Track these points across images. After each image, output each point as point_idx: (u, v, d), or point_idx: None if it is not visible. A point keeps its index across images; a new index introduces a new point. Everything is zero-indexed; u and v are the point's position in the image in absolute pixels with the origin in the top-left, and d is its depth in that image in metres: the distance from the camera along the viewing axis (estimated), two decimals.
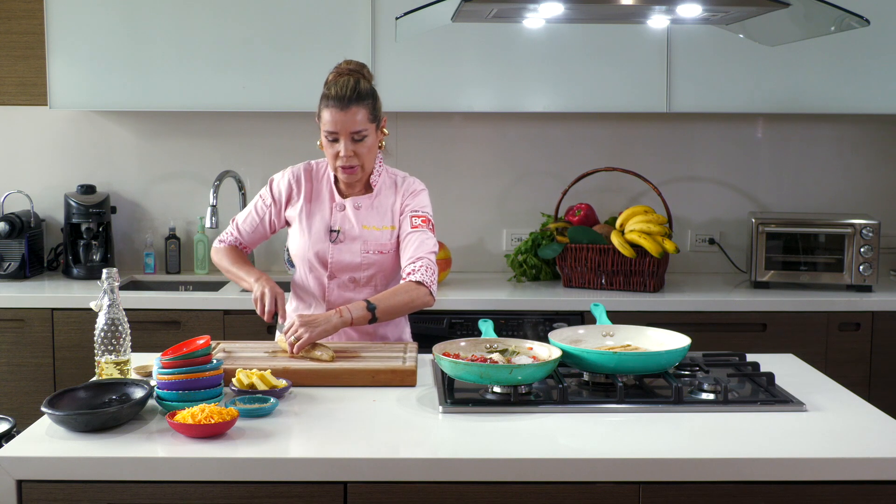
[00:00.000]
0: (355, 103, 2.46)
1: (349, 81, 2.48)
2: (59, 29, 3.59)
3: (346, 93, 2.46)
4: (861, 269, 3.56)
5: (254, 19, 3.60)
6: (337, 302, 2.59)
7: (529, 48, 3.62)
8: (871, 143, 3.99)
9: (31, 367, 3.44)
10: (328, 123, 2.48)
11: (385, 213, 2.60)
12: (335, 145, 2.50)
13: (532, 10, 2.50)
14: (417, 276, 2.48)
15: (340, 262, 2.58)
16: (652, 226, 3.52)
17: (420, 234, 2.56)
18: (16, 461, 1.80)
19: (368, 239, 2.57)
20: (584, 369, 2.25)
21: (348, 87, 2.47)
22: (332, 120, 2.47)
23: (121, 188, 3.98)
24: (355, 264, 2.58)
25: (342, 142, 2.49)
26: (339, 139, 2.49)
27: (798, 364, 2.54)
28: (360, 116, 2.47)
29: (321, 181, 2.64)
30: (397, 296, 2.46)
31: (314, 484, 1.80)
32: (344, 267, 2.58)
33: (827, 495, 1.83)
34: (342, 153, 2.49)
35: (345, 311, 2.40)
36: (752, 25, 2.63)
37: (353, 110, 2.46)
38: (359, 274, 2.58)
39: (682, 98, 3.65)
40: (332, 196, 2.62)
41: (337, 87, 2.48)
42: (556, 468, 1.80)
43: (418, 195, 2.62)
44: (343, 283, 2.59)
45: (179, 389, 2.00)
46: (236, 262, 2.66)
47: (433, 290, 2.50)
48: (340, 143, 2.49)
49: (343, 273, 2.59)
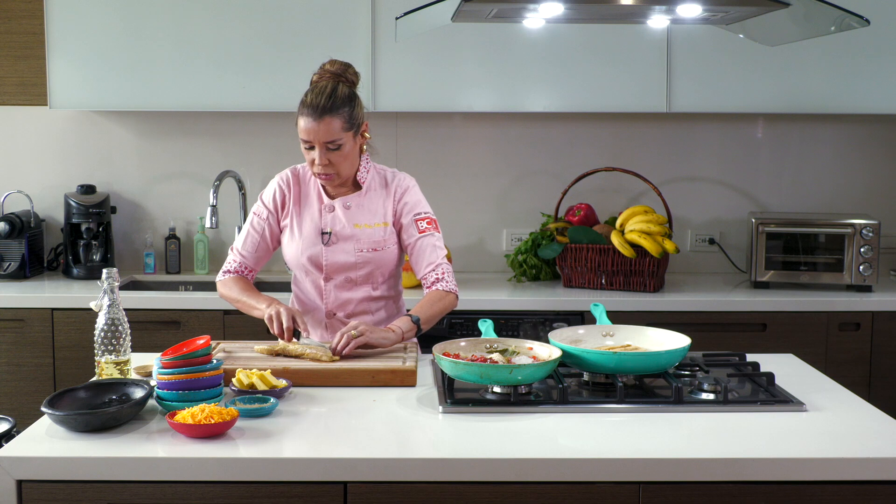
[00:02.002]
0: (329, 113, 2.44)
1: (326, 88, 2.47)
2: (59, 29, 3.59)
3: (320, 101, 2.44)
4: (861, 269, 3.56)
5: (254, 19, 3.60)
6: (335, 304, 2.59)
7: (529, 48, 3.62)
8: (871, 143, 3.99)
9: (31, 367, 3.44)
10: (302, 132, 2.48)
11: (376, 210, 2.60)
12: (311, 152, 2.50)
13: (532, 10, 2.50)
14: (443, 284, 2.56)
15: (335, 263, 2.58)
16: (652, 226, 3.52)
17: (430, 238, 2.59)
18: (16, 461, 1.80)
19: (361, 237, 2.57)
20: (584, 369, 2.25)
21: (323, 95, 2.45)
22: (305, 129, 2.46)
23: (121, 188, 3.98)
24: (350, 264, 2.57)
25: (317, 150, 2.47)
26: (313, 147, 2.48)
27: (798, 364, 2.54)
28: (333, 126, 2.45)
29: (308, 184, 2.63)
30: (434, 305, 2.52)
31: (314, 484, 1.80)
32: (339, 268, 2.58)
33: (827, 495, 1.83)
34: (317, 161, 2.48)
35: (395, 327, 2.43)
36: (752, 25, 2.63)
37: (326, 121, 2.44)
38: (354, 273, 2.58)
39: (682, 98, 3.65)
40: (320, 198, 2.61)
41: (313, 95, 2.47)
42: (556, 468, 1.80)
43: (411, 191, 2.62)
44: (340, 284, 2.59)
45: (179, 389, 2.00)
46: (244, 290, 2.57)
47: (457, 293, 2.60)
48: (315, 151, 2.48)
49: (339, 274, 2.58)
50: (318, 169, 2.50)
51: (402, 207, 2.60)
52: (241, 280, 2.62)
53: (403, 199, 2.61)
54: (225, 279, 2.63)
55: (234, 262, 2.64)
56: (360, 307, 2.61)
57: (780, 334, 3.42)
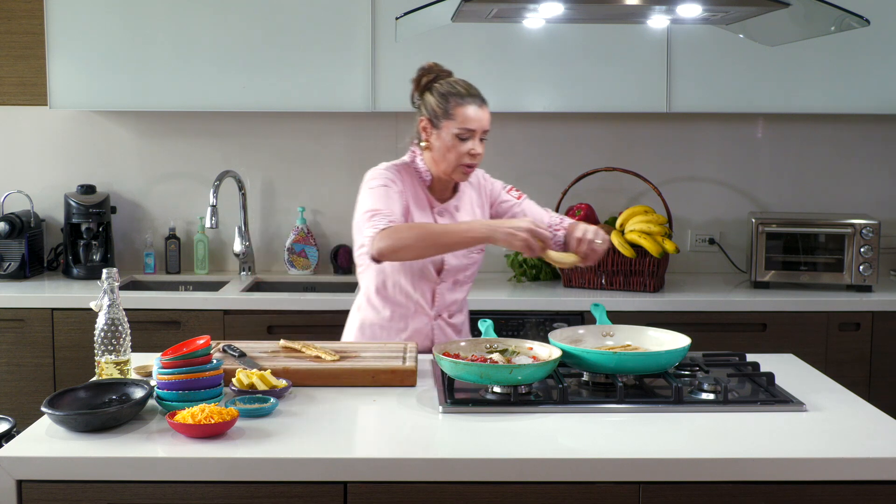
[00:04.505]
0: (486, 103, 2.51)
1: (469, 83, 2.52)
2: (59, 29, 3.59)
3: (477, 91, 2.51)
4: (861, 269, 3.56)
5: (254, 19, 3.60)
6: (443, 305, 2.61)
7: (529, 48, 3.62)
8: (871, 143, 3.99)
9: (31, 367, 3.44)
10: (469, 120, 2.47)
11: (474, 210, 2.64)
12: (466, 143, 2.48)
13: (532, 10, 2.50)
14: (570, 220, 2.65)
15: (453, 267, 2.58)
16: (652, 226, 3.52)
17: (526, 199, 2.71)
18: (16, 461, 1.80)
19: None
20: (584, 369, 2.25)
21: (473, 86, 2.52)
22: (474, 117, 2.48)
23: (121, 188, 3.98)
24: (462, 266, 2.60)
25: (475, 140, 2.49)
26: (472, 137, 2.48)
27: (798, 364, 2.54)
28: (489, 116, 2.52)
29: (416, 185, 2.58)
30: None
31: (314, 484, 1.80)
32: (454, 270, 2.59)
33: (827, 495, 1.83)
34: (475, 150, 2.49)
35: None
36: (752, 25, 2.63)
37: (486, 109, 2.51)
38: (462, 275, 2.62)
39: (682, 98, 3.65)
40: (430, 202, 2.58)
41: (467, 86, 2.51)
42: (556, 468, 1.80)
43: (488, 176, 2.72)
44: (450, 286, 2.61)
45: (179, 389, 2.00)
46: (430, 223, 2.45)
47: None
48: (473, 142, 2.49)
49: (451, 276, 2.60)
50: (470, 160, 2.50)
51: (491, 191, 2.68)
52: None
53: (489, 184, 2.69)
54: (394, 226, 2.36)
55: (388, 218, 2.39)
56: (460, 306, 2.68)
57: (780, 334, 3.42)
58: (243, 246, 3.86)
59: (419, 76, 2.59)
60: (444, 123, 2.49)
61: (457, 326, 2.68)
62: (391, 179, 2.51)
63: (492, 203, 2.69)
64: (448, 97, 2.49)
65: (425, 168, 2.58)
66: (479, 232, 2.33)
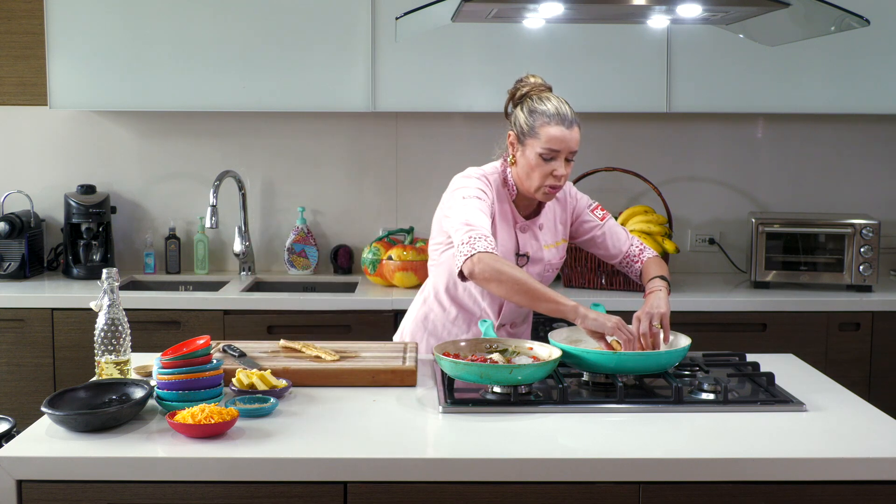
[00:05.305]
0: (576, 124, 2.41)
1: (563, 101, 2.44)
2: (59, 29, 3.59)
3: (568, 111, 2.41)
4: (861, 269, 3.56)
5: (254, 19, 3.60)
6: (509, 317, 2.58)
7: (529, 48, 3.62)
8: (871, 143, 3.99)
9: (31, 367, 3.44)
10: (554, 141, 2.38)
11: (556, 228, 2.59)
12: (551, 164, 2.40)
13: (532, 10, 2.50)
14: (648, 252, 2.63)
15: None
16: (652, 226, 3.52)
17: (611, 220, 2.65)
18: (16, 461, 1.80)
19: (548, 259, 2.56)
20: (584, 369, 2.25)
21: (567, 105, 2.43)
22: (560, 137, 2.38)
23: (121, 188, 3.98)
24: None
25: (559, 161, 2.40)
26: (556, 158, 2.40)
27: (798, 364, 2.54)
28: (578, 137, 2.42)
29: (502, 198, 2.53)
30: (662, 266, 2.58)
31: (314, 484, 1.80)
32: None
33: (826, 495, 1.83)
34: (559, 172, 2.40)
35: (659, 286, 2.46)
36: (752, 25, 2.64)
37: (575, 130, 2.40)
38: None
39: (682, 98, 3.65)
40: (514, 217, 2.53)
41: (557, 105, 2.42)
42: (556, 468, 1.80)
43: (574, 190, 2.65)
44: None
45: (179, 389, 2.00)
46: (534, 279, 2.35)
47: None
48: (557, 162, 2.40)
49: None
50: (554, 182, 2.41)
51: (575, 208, 2.62)
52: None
53: (574, 200, 2.63)
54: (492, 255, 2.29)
55: (487, 239, 2.32)
56: (525, 317, 2.66)
57: (780, 334, 3.42)
58: (243, 246, 3.86)
59: (514, 88, 2.52)
60: (528, 141, 2.42)
61: (518, 336, 2.65)
62: (483, 191, 2.45)
63: (573, 221, 2.63)
64: (535, 115, 2.41)
65: (513, 183, 2.52)
66: (568, 315, 2.28)
